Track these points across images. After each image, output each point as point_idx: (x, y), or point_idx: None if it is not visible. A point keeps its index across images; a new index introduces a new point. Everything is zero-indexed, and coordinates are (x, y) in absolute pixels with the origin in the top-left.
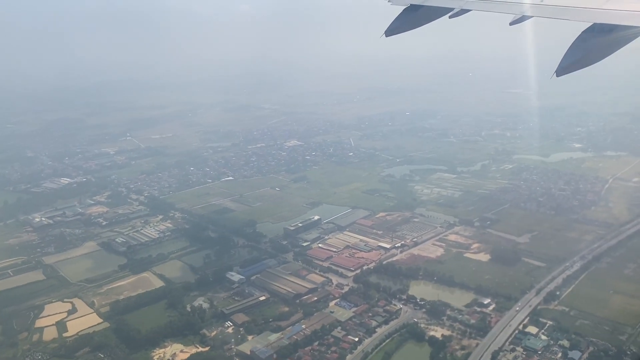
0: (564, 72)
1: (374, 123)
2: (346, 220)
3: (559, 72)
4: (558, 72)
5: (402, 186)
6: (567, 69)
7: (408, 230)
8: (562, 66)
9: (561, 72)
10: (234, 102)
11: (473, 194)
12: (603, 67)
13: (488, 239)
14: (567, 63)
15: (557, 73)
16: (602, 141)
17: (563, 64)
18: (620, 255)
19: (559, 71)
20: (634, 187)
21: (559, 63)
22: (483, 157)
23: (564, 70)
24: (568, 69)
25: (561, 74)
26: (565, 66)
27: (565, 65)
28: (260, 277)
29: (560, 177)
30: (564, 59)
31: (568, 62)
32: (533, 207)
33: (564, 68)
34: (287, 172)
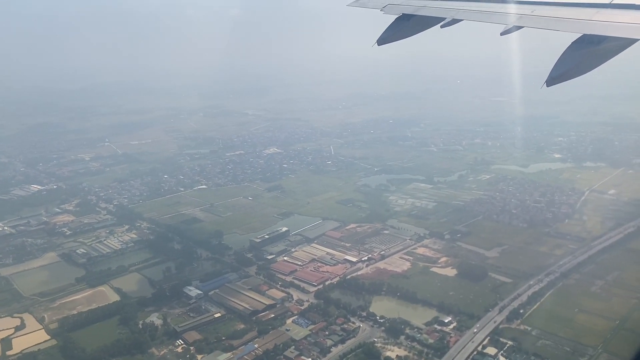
0: (554, 82)
1: (356, 130)
2: (315, 232)
3: (549, 82)
4: (548, 82)
5: (376, 196)
6: (557, 79)
7: (377, 243)
8: (552, 76)
9: (551, 82)
10: (219, 107)
11: (447, 205)
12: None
13: (457, 253)
14: (557, 73)
15: (547, 83)
16: (582, 152)
17: (553, 74)
18: (589, 272)
19: (549, 81)
20: (609, 199)
21: (549, 73)
22: (462, 166)
23: (554, 80)
24: (558, 79)
25: (551, 84)
26: (555, 76)
27: (556, 75)
28: (219, 293)
29: (537, 188)
30: (554, 69)
31: (558, 73)
32: (506, 219)
33: (554, 78)
34: (263, 180)
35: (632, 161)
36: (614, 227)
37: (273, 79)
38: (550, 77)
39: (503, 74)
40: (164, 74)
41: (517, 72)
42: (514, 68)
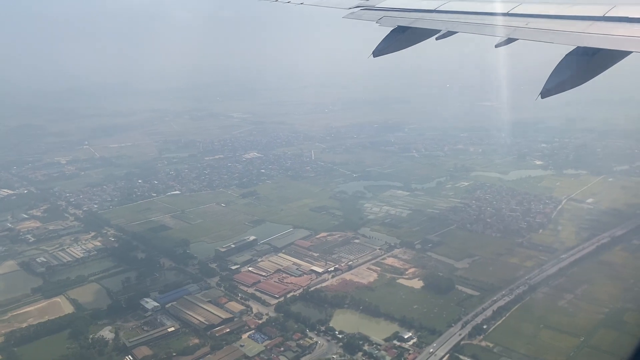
0: (548, 93)
1: (340, 135)
2: (284, 241)
3: (543, 94)
4: (543, 94)
5: (351, 204)
6: (552, 90)
7: (346, 253)
8: (546, 88)
9: (546, 93)
10: (204, 110)
11: (421, 214)
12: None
13: (426, 264)
14: (552, 85)
15: (542, 95)
16: (564, 159)
17: (548, 86)
18: (558, 285)
19: (543, 93)
20: (586, 209)
21: (544, 85)
22: (441, 173)
23: (548, 92)
24: (553, 90)
25: (546, 95)
26: (550, 88)
27: (550, 87)
28: (176, 305)
29: (514, 196)
30: (548, 81)
31: (553, 84)
32: (479, 228)
33: (549, 90)
34: (238, 186)
35: (613, 169)
36: (588, 238)
37: (263, 82)
38: (544, 89)
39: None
40: (153, 76)
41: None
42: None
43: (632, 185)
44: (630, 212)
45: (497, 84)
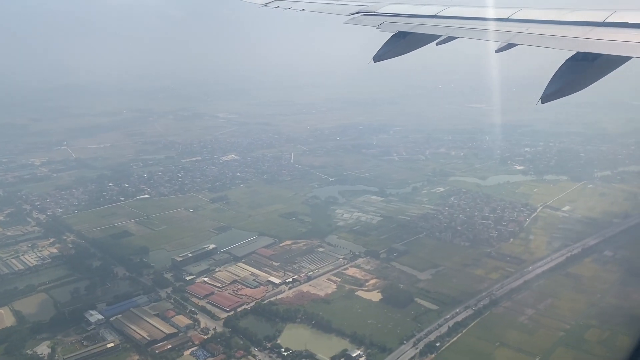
0: (548, 99)
1: (323, 137)
2: (245, 250)
3: (544, 99)
4: (543, 99)
5: (323, 209)
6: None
7: (308, 262)
8: (546, 93)
9: (546, 99)
10: (192, 109)
11: (392, 221)
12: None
13: (388, 274)
14: (552, 90)
15: (542, 100)
16: (546, 163)
17: (548, 91)
18: (521, 299)
19: (543, 98)
20: (560, 217)
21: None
22: (419, 178)
23: (548, 97)
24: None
25: (546, 100)
26: (550, 93)
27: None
28: (121, 319)
29: (489, 203)
30: (548, 86)
31: (553, 89)
32: (448, 237)
33: (549, 95)
34: (210, 190)
35: (594, 174)
36: (559, 248)
37: (256, 82)
38: (545, 94)
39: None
40: (147, 73)
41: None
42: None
43: (611, 192)
44: (606, 220)
45: (490, 87)
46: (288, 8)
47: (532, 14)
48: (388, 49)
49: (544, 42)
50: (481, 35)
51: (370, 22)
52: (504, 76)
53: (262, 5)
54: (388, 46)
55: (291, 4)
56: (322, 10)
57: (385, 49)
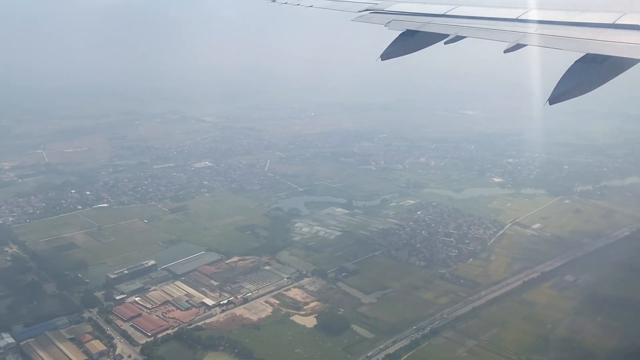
0: (556, 100)
1: (305, 143)
2: (187, 267)
3: (551, 100)
4: (551, 100)
5: (283, 222)
6: (560, 97)
7: (249, 282)
8: (555, 94)
9: (554, 100)
10: (180, 112)
11: (351, 236)
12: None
13: (331, 297)
14: (560, 91)
15: (550, 101)
16: (526, 176)
17: (556, 92)
18: (465, 328)
19: (551, 99)
20: (528, 236)
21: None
22: (391, 189)
23: (556, 98)
24: (561, 97)
25: (554, 102)
26: (558, 94)
27: (559, 93)
28: (31, 343)
29: (457, 218)
30: (557, 87)
31: (561, 91)
32: (404, 256)
33: (557, 96)
34: (173, 199)
35: (573, 189)
36: (519, 271)
37: (251, 84)
38: (553, 95)
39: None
40: (145, 75)
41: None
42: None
43: (587, 208)
44: (575, 240)
45: (489, 92)
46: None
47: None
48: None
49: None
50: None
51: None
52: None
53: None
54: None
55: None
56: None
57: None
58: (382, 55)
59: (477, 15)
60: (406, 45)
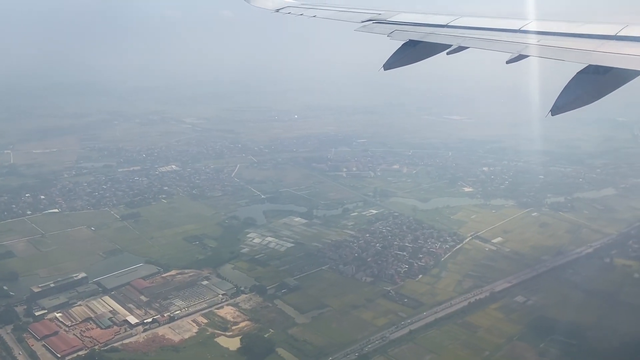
0: (559, 111)
1: (281, 147)
2: (119, 281)
3: (554, 111)
4: (553, 111)
5: (235, 232)
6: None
7: (182, 298)
8: (557, 105)
9: (556, 111)
10: (162, 113)
11: (302, 248)
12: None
13: (264, 316)
14: (563, 102)
15: (552, 112)
16: (497, 186)
17: (558, 103)
18: (398, 354)
19: (554, 110)
20: (486, 251)
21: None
22: (357, 198)
23: (559, 109)
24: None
25: (556, 112)
26: (560, 105)
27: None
28: None
29: (416, 230)
30: (559, 99)
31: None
32: (351, 271)
33: (559, 107)
34: (128, 205)
35: (544, 200)
36: (468, 290)
37: (244, 85)
38: (555, 106)
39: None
40: (139, 74)
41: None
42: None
43: (554, 222)
44: (533, 257)
45: (479, 98)
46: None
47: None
48: (398, 57)
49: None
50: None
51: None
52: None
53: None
54: (398, 54)
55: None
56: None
57: (396, 57)
58: (385, 65)
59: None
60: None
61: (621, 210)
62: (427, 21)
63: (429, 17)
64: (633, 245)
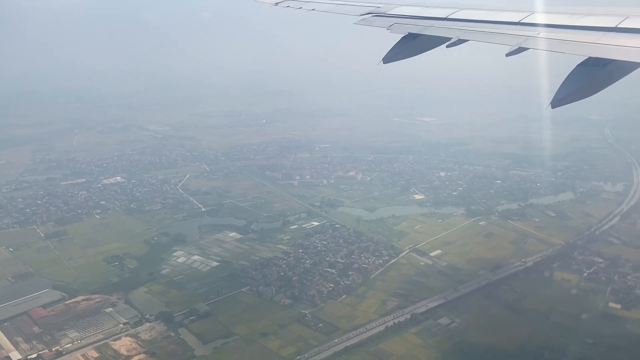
0: (559, 103)
1: (238, 155)
2: (18, 309)
3: (554, 104)
4: (553, 103)
5: (161, 251)
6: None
7: (79, 329)
8: (557, 98)
9: (556, 103)
10: (127, 120)
11: (227, 267)
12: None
13: (163, 348)
14: (563, 95)
15: (552, 105)
16: (451, 192)
17: (558, 96)
18: None
19: (554, 103)
20: (421, 266)
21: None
22: (302, 208)
23: (559, 102)
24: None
25: (556, 105)
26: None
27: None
28: None
29: (353, 244)
30: (559, 91)
31: (564, 94)
32: (271, 293)
33: (560, 100)
34: (58, 222)
35: (495, 208)
36: (390, 312)
37: (218, 88)
38: (555, 99)
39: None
40: (115, 80)
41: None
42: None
43: (500, 232)
44: (469, 272)
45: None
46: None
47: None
48: (398, 50)
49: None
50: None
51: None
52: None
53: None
54: (398, 48)
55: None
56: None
57: (395, 50)
58: (384, 59)
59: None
60: (408, 49)
61: (574, 218)
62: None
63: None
64: (577, 257)
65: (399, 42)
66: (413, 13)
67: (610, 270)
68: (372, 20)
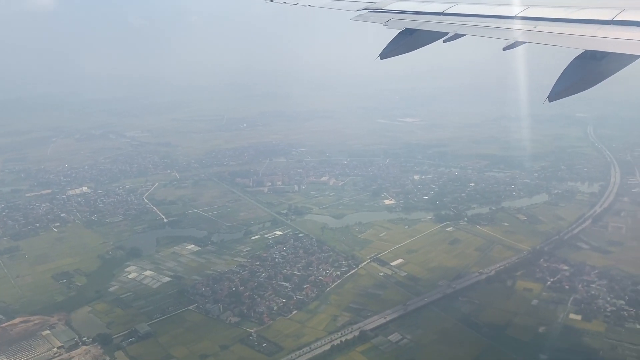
0: (556, 97)
1: (212, 161)
2: None
3: (551, 98)
4: (551, 97)
5: (113, 266)
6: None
7: (9, 355)
8: (554, 91)
9: (554, 97)
10: (106, 127)
11: (178, 283)
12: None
13: None
14: (560, 89)
15: (550, 98)
16: (422, 197)
17: (556, 90)
18: None
19: (551, 96)
20: (380, 277)
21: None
22: (268, 217)
23: (556, 95)
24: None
25: (554, 99)
26: (558, 91)
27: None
28: None
29: (313, 254)
30: (556, 85)
31: (560, 88)
32: (218, 310)
33: (557, 93)
34: (14, 236)
35: (465, 212)
36: (340, 328)
37: (205, 91)
38: (552, 93)
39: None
40: (102, 85)
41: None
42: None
43: (467, 238)
44: (429, 283)
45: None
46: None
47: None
48: (395, 46)
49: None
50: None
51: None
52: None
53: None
54: (395, 43)
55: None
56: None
57: (392, 46)
58: (381, 54)
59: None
60: (405, 44)
61: (545, 222)
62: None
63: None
64: (542, 265)
65: (396, 37)
66: (409, 8)
67: (575, 279)
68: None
